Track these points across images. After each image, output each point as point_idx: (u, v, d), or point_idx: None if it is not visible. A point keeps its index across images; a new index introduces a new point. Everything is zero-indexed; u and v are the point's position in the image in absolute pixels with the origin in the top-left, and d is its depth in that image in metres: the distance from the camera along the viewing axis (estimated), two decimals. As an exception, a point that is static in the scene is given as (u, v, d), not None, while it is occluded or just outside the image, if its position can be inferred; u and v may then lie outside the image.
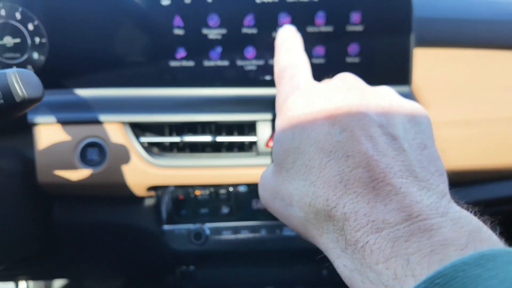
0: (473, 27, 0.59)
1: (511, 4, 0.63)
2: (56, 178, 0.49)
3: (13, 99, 0.30)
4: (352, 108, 0.23)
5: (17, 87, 0.30)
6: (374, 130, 0.22)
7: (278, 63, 0.33)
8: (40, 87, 0.32)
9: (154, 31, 0.51)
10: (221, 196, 0.52)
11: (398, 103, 0.26)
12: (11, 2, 0.51)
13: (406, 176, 0.20)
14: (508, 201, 0.62)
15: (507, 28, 0.59)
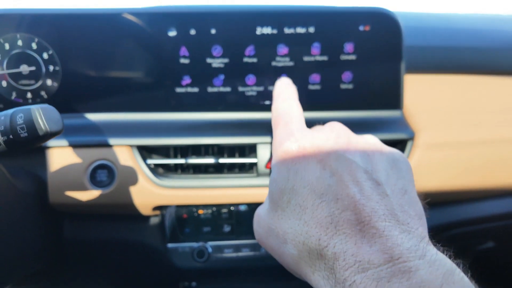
0: (459, 54, 0.62)
1: (494, 32, 0.67)
2: (67, 198, 0.51)
3: (36, 132, 0.33)
4: (341, 155, 0.26)
5: (40, 122, 0.33)
6: (360, 175, 0.25)
7: (275, 110, 0.36)
8: (61, 121, 0.35)
9: (161, 60, 0.54)
10: (223, 215, 0.55)
11: (382, 150, 0.28)
12: (28, 33, 0.55)
13: (389, 219, 0.22)
14: (498, 218, 0.65)
15: (491, 55, 0.63)
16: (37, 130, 0.33)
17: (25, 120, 0.33)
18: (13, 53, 0.54)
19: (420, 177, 0.54)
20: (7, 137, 0.34)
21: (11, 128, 0.33)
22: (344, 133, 0.29)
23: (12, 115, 0.34)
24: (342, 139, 0.28)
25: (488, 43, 0.65)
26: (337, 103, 0.57)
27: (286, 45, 0.55)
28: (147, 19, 0.53)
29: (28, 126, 0.33)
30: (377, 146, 0.29)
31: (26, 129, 0.33)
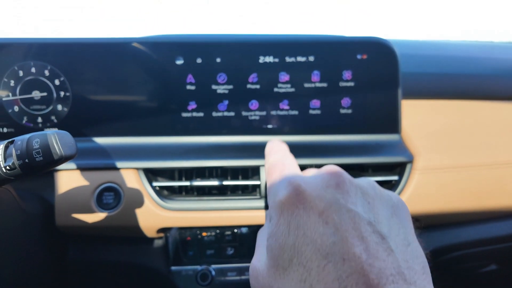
0: (454, 81, 0.65)
1: (486, 59, 0.70)
2: (74, 220, 0.52)
3: (51, 157, 0.35)
4: (343, 206, 0.25)
5: (55, 146, 0.35)
6: (364, 229, 0.24)
7: (268, 163, 0.34)
8: (75, 146, 0.37)
9: (168, 86, 0.57)
10: (226, 237, 0.56)
11: (381, 196, 0.28)
12: (41, 61, 0.57)
13: (397, 280, 0.22)
14: (500, 240, 0.65)
15: (484, 81, 0.66)
16: (52, 155, 0.34)
17: (41, 145, 0.35)
18: (26, 79, 0.57)
19: (419, 199, 0.55)
20: (22, 161, 0.35)
21: (27, 152, 0.35)
22: (343, 178, 0.28)
23: (29, 140, 0.35)
24: (341, 186, 0.27)
25: (481, 70, 0.68)
26: (337, 127, 0.59)
27: (287, 73, 0.57)
28: (155, 48, 0.56)
29: (44, 151, 0.34)
30: (376, 191, 0.28)
31: (42, 153, 0.34)
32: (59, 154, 0.35)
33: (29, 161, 0.35)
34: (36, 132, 0.36)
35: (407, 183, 0.55)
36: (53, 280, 0.57)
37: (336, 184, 0.26)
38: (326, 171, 0.29)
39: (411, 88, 0.63)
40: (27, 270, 0.50)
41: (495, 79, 0.66)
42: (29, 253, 0.50)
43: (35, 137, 0.35)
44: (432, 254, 0.62)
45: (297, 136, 0.59)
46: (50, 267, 0.55)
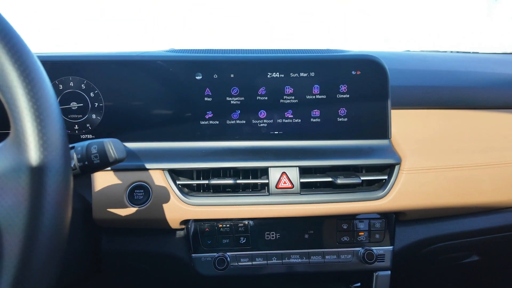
0: (438, 92, 0.74)
1: (469, 73, 0.79)
2: (108, 214, 0.61)
3: (107, 160, 0.44)
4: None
5: (111, 151, 0.44)
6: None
7: None
8: (125, 151, 0.45)
9: (189, 98, 0.65)
10: (239, 228, 0.64)
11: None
12: (79, 76, 0.66)
13: None
14: (480, 233, 0.74)
15: (466, 92, 0.75)
16: (108, 158, 0.43)
17: (98, 150, 0.43)
18: (65, 92, 0.66)
19: (406, 196, 0.63)
20: (82, 163, 0.44)
21: (86, 156, 0.43)
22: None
23: (88, 146, 0.44)
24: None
25: (462, 83, 0.77)
26: (334, 134, 0.67)
27: (291, 86, 0.66)
28: (178, 65, 0.65)
29: (101, 155, 0.43)
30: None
31: (99, 157, 0.43)
32: (114, 157, 0.43)
33: (88, 163, 0.44)
34: (93, 140, 0.45)
35: (396, 182, 0.64)
36: (89, 267, 0.66)
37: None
38: None
39: (399, 99, 0.72)
40: (68, 256, 0.59)
41: (475, 91, 0.76)
42: (71, 242, 0.59)
43: (93, 143, 0.44)
44: (418, 245, 0.70)
45: (300, 141, 0.67)
46: (86, 256, 0.64)
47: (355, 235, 0.65)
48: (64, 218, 0.29)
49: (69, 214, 0.31)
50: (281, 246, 0.65)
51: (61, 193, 0.29)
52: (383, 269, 0.67)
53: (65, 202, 0.29)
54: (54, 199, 0.28)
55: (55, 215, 0.28)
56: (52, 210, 0.28)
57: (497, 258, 0.89)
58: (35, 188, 0.27)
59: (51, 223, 0.28)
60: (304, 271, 0.65)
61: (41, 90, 0.29)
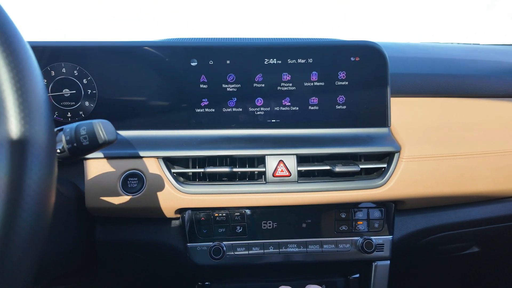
0: (438, 80, 0.73)
1: (468, 61, 0.78)
2: (102, 203, 0.59)
3: (96, 141, 0.42)
4: None
5: (100, 133, 0.42)
6: None
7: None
8: (115, 133, 0.44)
9: (184, 85, 0.64)
10: (235, 217, 0.63)
11: None
12: (71, 62, 0.64)
13: None
14: (480, 223, 0.73)
15: (465, 81, 0.74)
16: (97, 139, 0.42)
17: (87, 131, 0.42)
18: (57, 78, 0.64)
19: (405, 184, 0.62)
20: (71, 145, 0.42)
21: (75, 138, 0.42)
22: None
23: (77, 127, 0.42)
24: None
25: (462, 71, 0.75)
26: (332, 122, 0.66)
27: (289, 73, 0.65)
28: (173, 51, 0.63)
29: (90, 136, 0.42)
30: None
31: (88, 138, 0.42)
32: (103, 139, 0.42)
33: (77, 145, 0.42)
34: (82, 121, 0.43)
35: (395, 170, 0.63)
36: (82, 259, 0.64)
37: None
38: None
39: (399, 87, 0.71)
40: (63, 245, 0.57)
41: (475, 79, 0.74)
42: (65, 230, 0.58)
43: (82, 125, 0.43)
44: (417, 235, 0.69)
45: (298, 129, 0.66)
46: (80, 246, 0.62)
47: (353, 224, 0.64)
48: (47, 200, 0.28)
49: (53, 197, 0.29)
50: (278, 236, 0.63)
51: (44, 172, 0.27)
52: (382, 259, 0.66)
53: (48, 182, 0.28)
54: (36, 177, 0.26)
55: (37, 196, 0.26)
56: (34, 190, 0.26)
57: (497, 250, 0.88)
58: (15, 163, 0.25)
59: (32, 204, 0.26)
60: (302, 261, 0.63)
61: (24, 61, 0.28)
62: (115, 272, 0.71)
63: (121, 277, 0.73)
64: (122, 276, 0.73)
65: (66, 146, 0.42)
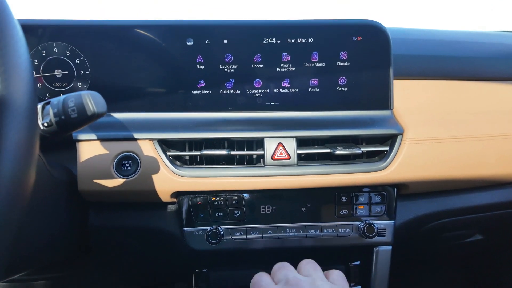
0: (441, 62, 0.71)
1: (472, 43, 0.76)
2: (95, 186, 0.57)
3: (85, 113, 0.40)
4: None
5: (89, 104, 0.40)
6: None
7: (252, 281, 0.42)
8: (105, 105, 0.42)
9: (180, 66, 0.62)
10: (233, 201, 0.61)
11: None
12: (63, 42, 0.62)
13: None
14: (484, 209, 0.71)
15: (469, 63, 0.72)
16: (86, 112, 0.39)
17: (76, 103, 0.40)
18: (48, 58, 0.62)
19: (408, 168, 0.60)
20: (59, 118, 0.40)
21: (63, 110, 0.40)
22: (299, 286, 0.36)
23: (65, 99, 0.40)
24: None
25: (467, 53, 0.73)
26: (333, 104, 0.64)
27: (288, 53, 0.63)
28: (168, 30, 0.61)
29: (79, 108, 0.39)
30: None
31: (77, 110, 0.39)
32: (92, 111, 0.40)
33: (65, 118, 0.40)
34: (71, 93, 0.41)
35: (397, 153, 0.61)
36: (76, 244, 0.63)
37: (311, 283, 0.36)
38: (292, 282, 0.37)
39: (402, 69, 0.69)
40: (53, 231, 0.55)
41: (479, 61, 0.72)
42: (56, 215, 0.56)
43: (70, 96, 0.40)
44: (420, 221, 0.68)
45: (298, 112, 0.64)
46: (73, 232, 0.61)
47: (354, 208, 0.62)
48: (25, 167, 0.26)
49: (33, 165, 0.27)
50: (277, 220, 0.62)
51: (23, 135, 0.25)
52: (384, 244, 0.64)
53: (27, 147, 0.26)
54: (14, 139, 0.24)
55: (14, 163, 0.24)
56: (11, 158, 0.24)
57: (501, 238, 0.87)
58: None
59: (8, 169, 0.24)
60: (301, 246, 0.62)
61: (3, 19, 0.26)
62: (109, 261, 0.69)
63: (116, 267, 0.72)
64: (116, 265, 0.71)
65: (53, 119, 0.40)
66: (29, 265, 0.55)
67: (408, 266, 1.04)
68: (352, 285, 0.72)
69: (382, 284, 0.66)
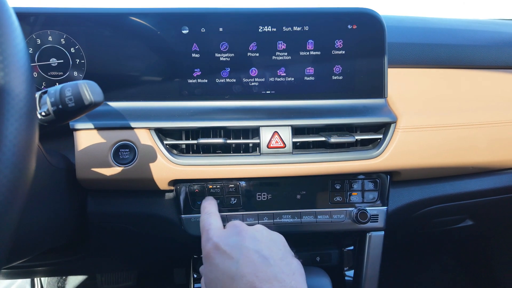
0: (436, 50, 0.71)
1: (467, 31, 0.76)
2: (93, 174, 0.58)
3: (82, 102, 0.40)
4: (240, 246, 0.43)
5: (86, 93, 0.40)
6: (253, 256, 0.41)
7: (200, 222, 0.53)
8: (102, 94, 0.42)
9: (175, 54, 0.62)
10: (230, 189, 0.62)
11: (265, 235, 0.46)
12: (57, 30, 0.62)
13: (273, 282, 0.38)
14: (474, 195, 0.73)
15: (463, 51, 0.72)
16: (83, 101, 0.40)
17: (73, 93, 0.40)
18: (43, 47, 0.62)
19: (401, 155, 0.62)
20: (56, 107, 0.40)
21: (60, 99, 0.40)
22: (240, 228, 0.46)
23: (62, 89, 0.41)
24: (241, 233, 0.45)
25: (461, 41, 0.74)
26: (329, 92, 0.65)
27: (284, 42, 0.63)
28: (163, 18, 0.61)
29: (76, 97, 0.40)
30: (262, 233, 0.46)
31: (74, 100, 0.40)
32: (89, 100, 0.40)
33: (63, 107, 0.40)
34: (68, 82, 0.41)
35: (391, 141, 0.62)
36: (73, 232, 0.64)
37: (237, 232, 0.45)
38: (231, 225, 0.47)
39: (397, 57, 0.69)
40: (53, 218, 0.56)
41: (474, 49, 0.73)
42: (55, 202, 0.57)
43: (67, 86, 0.41)
44: (412, 207, 0.70)
45: (294, 101, 0.65)
46: (72, 217, 0.62)
47: (348, 195, 0.64)
48: (26, 154, 0.26)
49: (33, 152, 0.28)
50: (272, 207, 0.63)
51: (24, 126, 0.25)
52: (376, 229, 0.66)
53: (28, 139, 0.26)
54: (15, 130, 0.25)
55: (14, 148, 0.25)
56: (11, 140, 0.24)
57: (491, 223, 0.89)
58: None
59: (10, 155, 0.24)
60: (296, 231, 0.63)
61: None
62: (109, 248, 0.71)
63: (115, 253, 0.73)
64: (116, 251, 0.73)
65: (51, 108, 0.41)
66: (29, 252, 0.56)
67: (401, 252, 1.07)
68: (346, 269, 0.74)
69: (374, 268, 0.68)
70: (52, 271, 0.86)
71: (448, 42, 0.72)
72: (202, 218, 0.52)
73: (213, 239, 0.45)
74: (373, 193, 0.64)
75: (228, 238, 0.45)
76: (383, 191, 0.65)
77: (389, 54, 0.65)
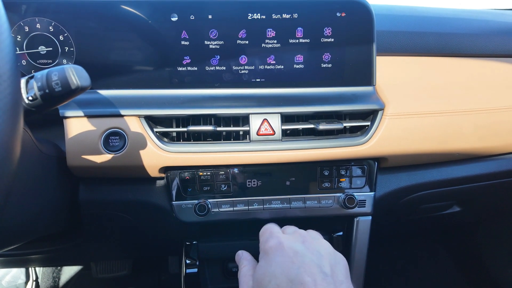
0: (424, 38, 0.72)
1: (455, 20, 0.77)
2: (83, 161, 0.59)
3: (69, 87, 0.41)
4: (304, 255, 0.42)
5: (72, 78, 0.41)
6: (315, 270, 0.40)
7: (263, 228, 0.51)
8: (89, 78, 0.42)
9: (165, 42, 0.62)
10: (220, 176, 0.63)
11: (329, 253, 0.44)
12: (46, 18, 0.61)
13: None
14: (461, 181, 0.74)
15: (451, 39, 0.73)
16: (70, 85, 0.40)
17: (59, 77, 0.40)
18: (32, 35, 0.61)
19: (388, 141, 0.63)
20: (43, 92, 0.41)
21: (47, 84, 0.40)
22: (305, 238, 0.45)
23: (48, 73, 0.41)
24: (305, 243, 0.44)
25: (449, 29, 0.74)
26: (318, 80, 0.65)
27: (273, 29, 0.63)
28: (152, 5, 0.61)
29: (62, 82, 0.40)
30: (327, 250, 0.45)
31: (61, 84, 0.40)
32: (76, 84, 0.40)
33: (49, 91, 0.41)
34: (54, 67, 0.42)
35: (378, 128, 0.63)
36: (67, 217, 0.64)
37: (302, 240, 0.45)
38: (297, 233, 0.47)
39: (385, 45, 0.70)
40: (45, 205, 0.57)
41: (462, 37, 0.74)
42: (46, 189, 0.57)
43: (54, 70, 0.41)
44: (400, 193, 0.71)
45: (283, 88, 0.65)
46: (64, 205, 0.62)
47: (336, 181, 0.65)
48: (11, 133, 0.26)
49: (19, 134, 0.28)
50: (262, 193, 0.64)
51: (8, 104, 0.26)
52: (364, 214, 0.67)
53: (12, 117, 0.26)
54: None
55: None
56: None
57: (477, 210, 0.91)
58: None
59: None
60: (285, 217, 0.65)
61: None
62: (102, 235, 0.72)
63: (108, 240, 0.74)
64: (109, 239, 0.73)
65: (38, 93, 0.41)
66: (20, 238, 0.57)
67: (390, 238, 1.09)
68: None
69: (362, 252, 0.70)
70: (46, 260, 0.86)
71: (436, 31, 0.72)
72: (264, 227, 0.51)
73: (280, 238, 0.45)
74: (360, 179, 0.66)
75: (293, 242, 0.44)
76: (370, 177, 0.66)
77: (377, 42, 0.66)
